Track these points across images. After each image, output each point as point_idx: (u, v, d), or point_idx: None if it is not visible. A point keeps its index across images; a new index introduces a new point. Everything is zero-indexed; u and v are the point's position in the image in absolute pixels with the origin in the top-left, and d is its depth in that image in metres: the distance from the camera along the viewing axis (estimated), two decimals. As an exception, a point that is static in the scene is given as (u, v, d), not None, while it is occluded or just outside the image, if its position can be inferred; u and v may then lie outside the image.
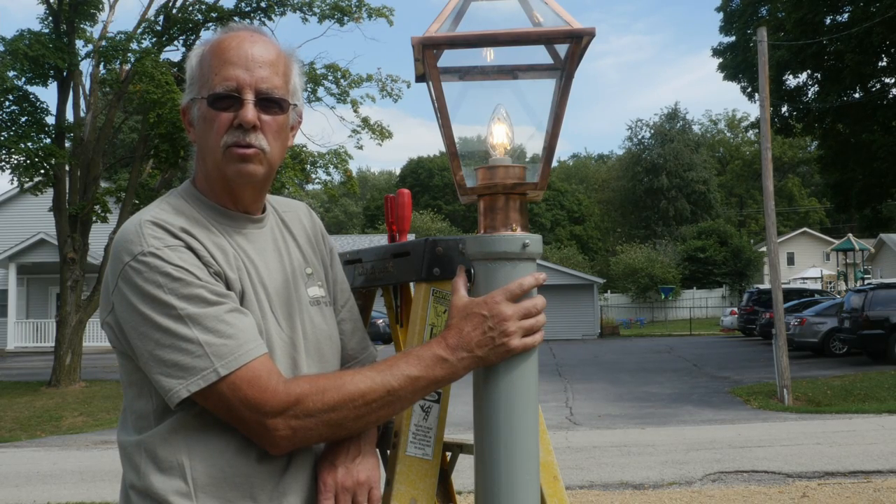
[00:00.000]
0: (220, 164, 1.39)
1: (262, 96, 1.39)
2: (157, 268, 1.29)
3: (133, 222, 1.36)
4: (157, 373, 1.28)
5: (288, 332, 1.44)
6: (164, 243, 1.32)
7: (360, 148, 24.73)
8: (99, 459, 10.13)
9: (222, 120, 1.38)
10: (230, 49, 1.40)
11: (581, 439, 10.53)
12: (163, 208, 1.40)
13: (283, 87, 1.43)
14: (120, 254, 1.33)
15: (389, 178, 79.32)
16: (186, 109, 1.47)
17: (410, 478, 1.56)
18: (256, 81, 1.39)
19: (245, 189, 1.44)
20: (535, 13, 1.35)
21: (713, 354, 24.31)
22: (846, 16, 25.89)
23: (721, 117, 78.56)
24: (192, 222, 1.38)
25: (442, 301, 1.63)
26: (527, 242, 1.30)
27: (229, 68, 1.38)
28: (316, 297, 1.52)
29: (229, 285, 1.36)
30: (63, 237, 18.12)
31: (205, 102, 1.39)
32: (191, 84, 1.45)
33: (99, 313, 1.44)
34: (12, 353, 29.34)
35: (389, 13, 19.22)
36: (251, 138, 1.38)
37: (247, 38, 1.42)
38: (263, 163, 1.41)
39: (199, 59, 1.43)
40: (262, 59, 1.40)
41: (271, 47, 1.44)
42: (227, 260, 1.38)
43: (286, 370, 1.39)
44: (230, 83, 1.37)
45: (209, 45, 1.44)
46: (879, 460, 8.38)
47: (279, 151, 1.44)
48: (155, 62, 16.77)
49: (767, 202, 15.25)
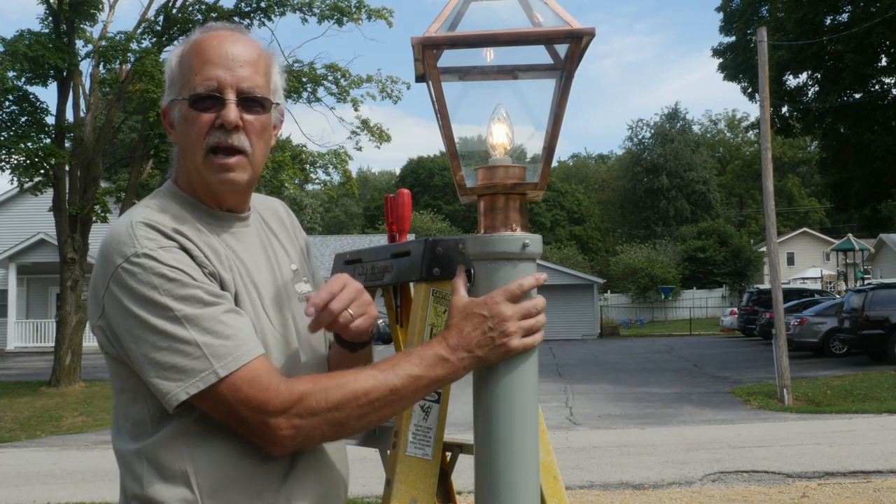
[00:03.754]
0: (202, 168, 1.38)
1: (244, 96, 1.37)
2: (152, 269, 1.27)
3: (123, 224, 1.33)
4: (153, 376, 1.27)
5: (281, 329, 1.43)
6: (158, 244, 1.30)
7: (358, 149, 24.68)
8: (99, 459, 10.13)
9: (203, 120, 1.36)
10: (210, 48, 1.38)
11: (581, 439, 10.53)
12: (152, 209, 1.38)
13: (264, 86, 1.41)
14: (111, 256, 1.30)
15: (389, 178, 79.29)
16: (167, 111, 1.45)
17: (410, 478, 1.56)
18: (238, 81, 1.37)
19: (229, 194, 1.43)
20: (535, 13, 1.35)
21: (713, 354, 24.31)
22: (846, 16, 25.91)
23: (721, 117, 78.61)
24: (183, 223, 1.36)
25: (442, 301, 1.63)
26: (527, 242, 1.30)
27: (210, 68, 1.36)
28: (303, 294, 1.51)
29: (224, 285, 1.35)
30: (63, 237, 18.12)
31: (186, 103, 1.37)
32: (171, 85, 1.43)
33: (88, 317, 1.42)
34: (12, 353, 29.34)
35: (389, 14, 19.21)
36: (234, 139, 1.36)
37: (227, 37, 1.41)
38: (247, 168, 1.39)
39: (179, 60, 1.42)
40: (243, 59, 1.39)
41: (252, 46, 1.42)
42: (220, 260, 1.37)
43: (281, 368, 1.38)
44: (211, 83, 1.36)
45: (189, 46, 1.42)
46: (879, 460, 8.38)
47: (262, 152, 1.42)
48: (155, 62, 16.77)
49: (767, 202, 15.26)
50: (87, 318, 16.11)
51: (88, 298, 1.40)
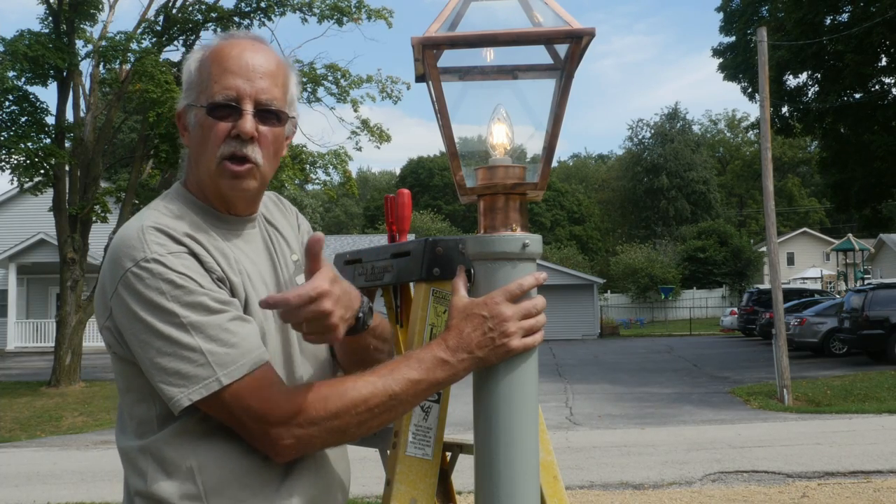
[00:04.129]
0: (214, 174, 1.39)
1: (262, 107, 1.38)
2: (161, 275, 1.28)
3: (134, 227, 1.34)
4: (158, 380, 1.28)
5: (284, 330, 1.44)
6: (168, 249, 1.30)
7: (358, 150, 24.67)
8: (99, 459, 10.13)
9: (220, 129, 1.37)
10: (231, 57, 1.39)
11: (581, 439, 10.53)
12: (163, 213, 1.38)
13: (281, 99, 1.42)
14: (120, 259, 1.31)
15: (389, 178, 79.28)
16: (182, 114, 1.45)
17: (410, 478, 1.56)
18: (256, 92, 1.38)
19: (239, 201, 1.44)
20: (535, 13, 1.35)
21: (713, 354, 24.31)
22: (846, 16, 25.91)
23: (721, 117, 78.62)
24: (194, 227, 1.37)
25: (442, 301, 1.63)
26: (527, 242, 1.30)
27: (229, 77, 1.37)
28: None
29: (233, 291, 1.36)
30: (63, 237, 18.12)
31: (203, 110, 1.38)
32: (188, 88, 1.43)
33: (95, 318, 1.43)
34: (12, 353, 29.33)
35: (389, 15, 19.22)
36: (248, 150, 1.37)
37: (248, 46, 1.41)
38: (256, 177, 1.40)
39: (199, 65, 1.42)
40: (263, 70, 1.39)
41: (272, 57, 1.43)
42: (230, 264, 1.38)
43: (282, 369, 1.39)
44: (230, 92, 1.36)
45: (209, 51, 1.42)
46: (879, 460, 8.38)
47: (272, 164, 1.44)
48: (155, 62, 16.77)
49: (767, 202, 15.26)
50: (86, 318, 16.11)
51: (96, 299, 1.40)
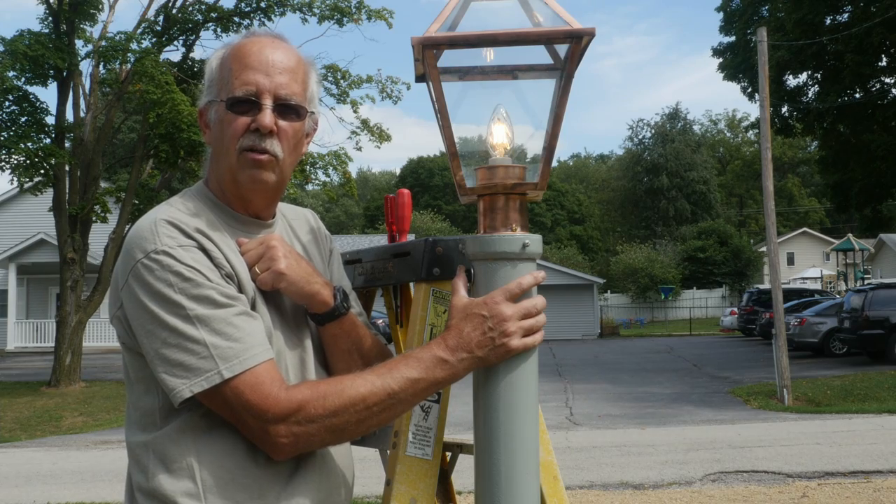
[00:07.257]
0: (234, 167, 1.41)
1: (281, 102, 1.40)
2: (169, 266, 1.30)
3: (148, 220, 1.36)
4: (161, 371, 1.29)
5: (297, 333, 1.45)
6: (178, 242, 1.32)
7: (358, 150, 24.67)
8: (99, 459, 10.13)
9: (239, 124, 1.39)
10: (251, 54, 1.41)
11: (581, 439, 10.53)
12: (178, 208, 1.40)
13: (301, 94, 1.44)
14: (132, 250, 1.33)
15: (389, 178, 79.28)
16: (204, 111, 1.48)
17: (410, 478, 1.56)
18: (276, 87, 1.40)
19: (256, 195, 1.45)
20: (535, 13, 1.35)
21: (713, 354, 24.32)
22: (846, 16, 25.92)
23: (721, 117, 78.66)
24: (207, 223, 1.39)
25: (442, 301, 1.63)
26: (527, 242, 1.30)
27: (249, 73, 1.39)
28: None
29: (241, 287, 1.37)
30: (63, 237, 18.12)
31: (223, 105, 1.40)
32: (209, 86, 1.46)
33: (108, 308, 1.45)
34: (12, 353, 29.34)
35: (389, 15, 19.21)
36: (267, 143, 1.39)
37: (268, 43, 1.44)
38: (276, 170, 1.42)
39: (220, 62, 1.45)
40: (283, 66, 1.42)
41: (292, 54, 1.45)
42: (240, 262, 1.39)
43: (295, 372, 1.41)
44: (250, 87, 1.39)
45: (231, 49, 1.45)
46: (879, 460, 8.38)
47: (293, 159, 1.45)
48: (155, 62, 16.77)
49: (767, 202, 15.26)
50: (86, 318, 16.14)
51: (110, 290, 1.43)
